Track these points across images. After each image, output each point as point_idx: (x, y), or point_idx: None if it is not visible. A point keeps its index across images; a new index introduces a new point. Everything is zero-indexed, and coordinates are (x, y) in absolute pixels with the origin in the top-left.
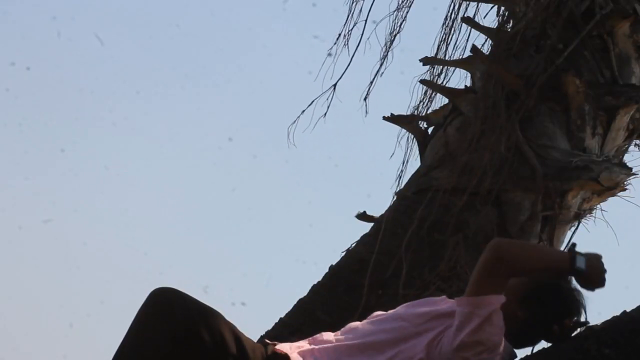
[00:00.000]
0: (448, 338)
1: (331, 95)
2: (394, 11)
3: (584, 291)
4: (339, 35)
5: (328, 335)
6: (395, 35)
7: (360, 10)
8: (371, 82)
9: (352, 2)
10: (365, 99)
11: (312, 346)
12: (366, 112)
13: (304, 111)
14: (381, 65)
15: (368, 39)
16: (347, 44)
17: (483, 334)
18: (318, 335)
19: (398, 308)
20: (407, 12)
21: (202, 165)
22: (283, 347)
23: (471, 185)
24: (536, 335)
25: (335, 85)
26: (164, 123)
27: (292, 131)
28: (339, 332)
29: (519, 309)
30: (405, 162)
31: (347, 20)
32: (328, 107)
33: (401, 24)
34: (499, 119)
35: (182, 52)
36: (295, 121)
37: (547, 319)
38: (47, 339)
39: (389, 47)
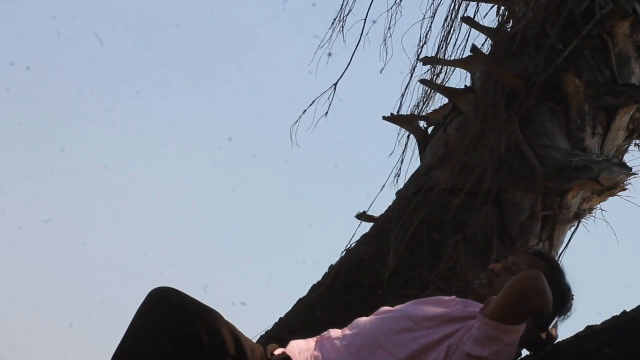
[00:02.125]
0: (464, 344)
1: (332, 95)
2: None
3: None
4: (332, 31)
5: (335, 332)
6: (388, 28)
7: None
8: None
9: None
10: (335, 85)
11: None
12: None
13: (305, 111)
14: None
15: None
16: (344, 40)
17: (502, 355)
18: (325, 333)
19: (408, 305)
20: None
21: (202, 165)
22: (292, 352)
23: (471, 185)
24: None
25: (336, 84)
26: (164, 123)
27: (295, 131)
28: (346, 329)
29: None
30: (402, 162)
31: (336, 17)
32: (329, 106)
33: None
34: (499, 119)
35: (182, 52)
36: (297, 121)
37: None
38: (47, 339)
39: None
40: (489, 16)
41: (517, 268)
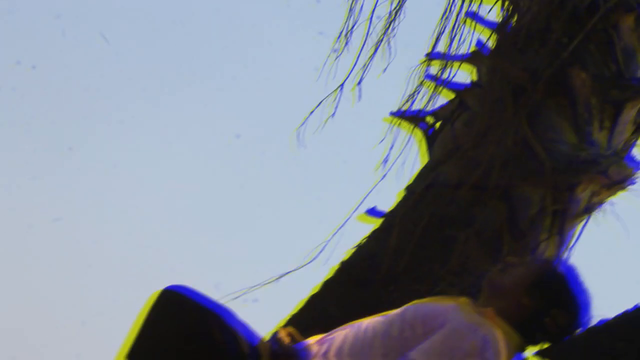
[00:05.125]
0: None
1: (338, 95)
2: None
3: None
4: (339, 35)
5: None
6: (390, 24)
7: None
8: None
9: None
10: (341, 86)
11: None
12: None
13: (312, 112)
14: (375, 50)
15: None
16: (347, 45)
17: None
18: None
19: (395, 317)
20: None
21: (210, 163)
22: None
23: (480, 180)
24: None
25: (342, 85)
26: (171, 121)
27: (302, 132)
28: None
29: (525, 295)
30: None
31: (346, 21)
32: (336, 107)
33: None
34: (506, 113)
35: (188, 50)
36: (303, 123)
37: (549, 307)
38: (60, 338)
39: (385, 34)
40: (493, 12)
41: (530, 264)
